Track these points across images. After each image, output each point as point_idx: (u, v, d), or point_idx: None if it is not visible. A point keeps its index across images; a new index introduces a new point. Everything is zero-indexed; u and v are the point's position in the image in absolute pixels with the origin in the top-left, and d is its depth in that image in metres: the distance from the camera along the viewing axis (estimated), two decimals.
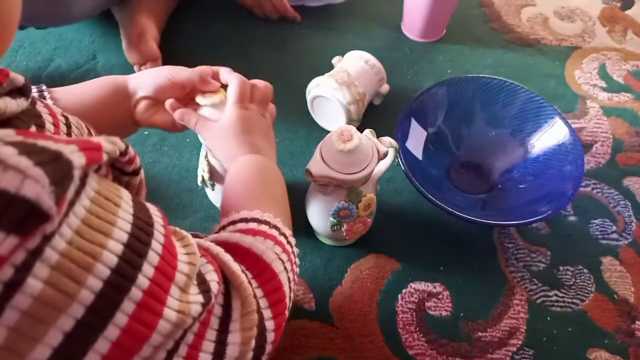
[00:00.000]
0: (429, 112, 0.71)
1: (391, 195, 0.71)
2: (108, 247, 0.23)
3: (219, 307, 0.30)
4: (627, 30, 0.95)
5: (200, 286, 0.29)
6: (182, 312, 0.26)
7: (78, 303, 0.22)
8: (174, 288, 0.26)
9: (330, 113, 0.73)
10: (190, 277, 0.28)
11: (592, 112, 0.82)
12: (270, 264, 0.34)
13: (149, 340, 0.24)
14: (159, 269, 0.25)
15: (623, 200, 0.72)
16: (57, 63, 0.84)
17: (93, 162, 0.24)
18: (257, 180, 0.43)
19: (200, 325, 0.28)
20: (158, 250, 0.26)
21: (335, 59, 0.78)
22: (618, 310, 0.62)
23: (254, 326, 0.31)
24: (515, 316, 0.61)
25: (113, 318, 0.23)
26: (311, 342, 0.58)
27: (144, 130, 0.76)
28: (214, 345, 0.29)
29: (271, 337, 0.32)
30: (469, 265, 0.65)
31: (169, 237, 0.28)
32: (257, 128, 0.47)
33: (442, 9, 0.85)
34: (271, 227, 0.37)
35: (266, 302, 0.33)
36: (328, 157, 0.52)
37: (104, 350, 0.23)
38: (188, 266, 0.28)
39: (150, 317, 0.24)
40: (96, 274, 0.22)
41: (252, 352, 0.31)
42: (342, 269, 0.64)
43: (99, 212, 0.23)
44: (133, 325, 0.24)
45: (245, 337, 0.30)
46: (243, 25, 0.91)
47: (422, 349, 0.59)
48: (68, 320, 0.21)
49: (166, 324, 0.25)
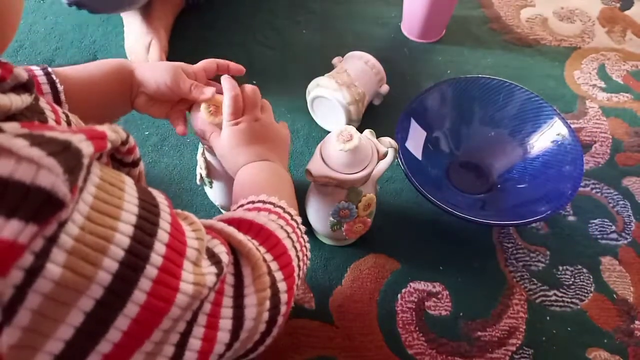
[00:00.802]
0: (429, 113, 0.71)
1: (391, 195, 0.71)
2: (119, 229, 0.24)
3: (231, 276, 0.31)
4: (627, 30, 0.95)
5: (210, 259, 0.30)
6: (197, 284, 0.27)
7: (96, 284, 0.22)
8: (187, 263, 0.27)
9: (330, 113, 0.73)
10: (200, 251, 0.29)
11: (592, 112, 0.82)
12: (274, 232, 0.35)
13: (168, 313, 0.25)
14: (170, 246, 0.26)
15: (622, 200, 0.72)
16: (57, 63, 0.84)
17: (99, 151, 0.25)
18: (265, 177, 0.44)
19: (216, 295, 0.29)
20: (167, 228, 0.27)
21: (335, 59, 0.78)
22: (617, 309, 0.62)
23: (267, 287, 0.31)
24: (514, 316, 0.61)
25: (131, 296, 0.24)
26: (311, 342, 0.58)
27: (144, 130, 0.76)
28: (231, 310, 0.30)
29: (284, 297, 0.33)
30: (469, 265, 0.65)
31: (174, 217, 0.28)
32: (256, 136, 0.46)
33: (441, 10, 0.85)
34: (275, 206, 0.38)
35: (276, 265, 0.34)
36: (328, 157, 0.52)
37: (125, 327, 0.24)
38: (197, 241, 0.29)
39: (168, 291, 0.25)
40: (111, 255, 0.23)
41: (267, 313, 0.31)
42: (342, 269, 0.64)
43: (106, 198, 0.24)
44: (151, 301, 0.24)
45: (260, 297, 0.31)
46: (244, 25, 0.91)
47: (422, 349, 0.59)
48: (88, 301, 0.22)
49: (184, 297, 0.26)
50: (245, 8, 0.94)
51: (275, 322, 0.33)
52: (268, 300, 0.32)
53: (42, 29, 0.89)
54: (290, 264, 0.35)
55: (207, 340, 0.29)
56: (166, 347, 0.27)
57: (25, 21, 0.90)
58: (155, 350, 0.26)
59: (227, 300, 0.30)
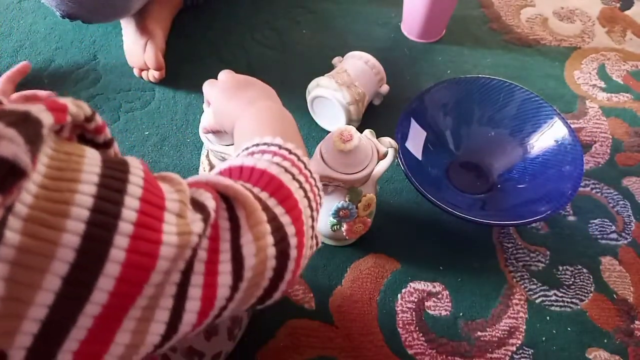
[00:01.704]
0: (429, 112, 0.71)
1: (391, 195, 0.71)
2: (79, 190, 0.23)
3: (226, 221, 0.30)
4: (627, 30, 0.95)
5: (196, 208, 0.28)
6: (183, 233, 0.26)
7: (64, 247, 0.22)
8: (169, 215, 0.26)
9: (330, 113, 0.73)
10: (184, 202, 0.28)
11: (592, 112, 0.82)
12: (276, 175, 0.33)
13: (155, 268, 0.25)
14: (145, 199, 0.25)
15: (622, 200, 0.72)
16: (57, 63, 0.84)
17: (59, 123, 0.24)
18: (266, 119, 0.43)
19: (211, 241, 0.28)
20: (139, 183, 0.26)
21: (335, 59, 0.78)
22: (617, 309, 0.62)
23: (262, 221, 0.30)
24: (514, 316, 0.62)
25: (108, 255, 0.23)
26: (311, 342, 0.58)
27: (144, 130, 0.76)
28: (229, 254, 0.29)
29: (294, 241, 0.32)
30: (469, 265, 0.65)
31: (149, 173, 0.27)
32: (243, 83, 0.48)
33: (441, 10, 0.85)
34: (270, 145, 0.37)
35: (282, 209, 0.32)
36: (328, 157, 0.52)
37: (110, 287, 0.23)
38: (178, 194, 0.28)
39: (149, 246, 0.24)
40: (74, 217, 0.23)
41: (273, 248, 0.30)
42: (342, 269, 0.64)
43: (61, 165, 0.24)
44: (132, 257, 0.24)
45: (256, 232, 0.30)
46: (243, 25, 0.91)
47: (422, 349, 0.59)
48: (61, 265, 0.22)
49: (169, 248, 0.25)
50: (245, 8, 0.94)
51: (287, 256, 0.31)
52: (269, 235, 0.30)
53: (42, 29, 0.89)
54: (297, 206, 0.33)
55: (208, 287, 0.28)
56: (163, 300, 0.26)
57: (25, 21, 0.90)
58: (152, 304, 0.26)
59: (224, 245, 0.29)
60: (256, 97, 0.46)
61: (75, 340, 0.23)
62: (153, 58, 0.77)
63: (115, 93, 0.80)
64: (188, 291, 0.27)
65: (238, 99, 0.46)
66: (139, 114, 0.78)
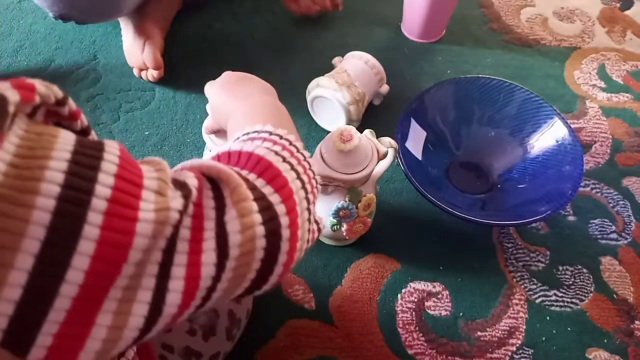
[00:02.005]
0: (429, 112, 0.71)
1: (391, 195, 0.71)
2: (49, 166, 0.23)
3: (210, 200, 0.29)
4: (627, 30, 0.95)
5: (177, 186, 0.28)
6: (161, 210, 0.25)
7: (35, 225, 0.22)
8: (147, 192, 0.26)
9: (330, 113, 0.73)
10: (164, 180, 0.27)
11: (592, 112, 0.82)
12: (254, 152, 0.33)
13: (132, 246, 0.24)
14: (120, 176, 0.25)
15: (622, 200, 0.72)
16: (57, 63, 0.84)
17: (26, 101, 0.24)
18: (260, 113, 0.43)
19: (194, 220, 0.28)
20: (114, 160, 0.25)
21: (335, 59, 0.78)
22: (617, 309, 0.62)
23: (246, 198, 0.29)
24: (514, 316, 0.62)
25: (82, 232, 0.23)
26: (311, 342, 0.58)
27: (144, 130, 0.76)
28: (214, 231, 0.28)
29: (285, 221, 0.31)
30: (469, 265, 0.65)
31: (125, 152, 0.27)
32: (239, 81, 0.48)
33: (441, 10, 0.85)
34: (260, 132, 0.36)
35: (271, 189, 0.31)
36: (328, 157, 0.52)
37: (85, 266, 0.23)
38: (157, 172, 0.27)
39: (125, 223, 0.24)
40: (44, 193, 0.22)
41: (262, 227, 0.29)
42: (342, 269, 0.64)
43: (32, 144, 0.23)
44: (107, 235, 0.23)
45: (240, 208, 0.29)
46: (243, 25, 0.91)
47: (422, 349, 0.59)
48: (33, 243, 0.22)
49: (146, 225, 0.25)
50: (245, 8, 0.94)
51: (279, 235, 0.30)
52: (256, 214, 0.29)
53: (42, 29, 0.89)
54: (287, 185, 0.32)
55: (192, 265, 0.27)
56: (145, 280, 0.26)
57: (25, 21, 0.90)
58: (133, 284, 0.25)
59: (208, 223, 0.28)
60: (252, 92, 0.46)
61: (55, 323, 0.23)
62: (151, 57, 0.77)
63: (115, 93, 0.80)
64: (171, 271, 0.26)
65: (234, 93, 0.46)
66: (139, 114, 0.78)
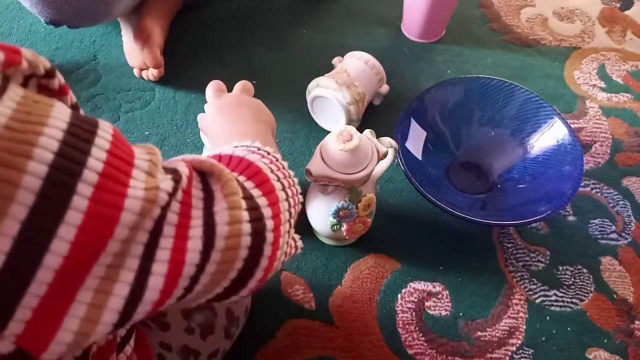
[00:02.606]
0: (429, 112, 0.71)
1: (391, 195, 0.71)
2: (45, 133, 0.22)
3: (200, 190, 0.30)
4: (627, 30, 0.95)
5: (167, 170, 0.28)
6: (150, 189, 0.25)
7: (24, 189, 0.21)
8: (137, 171, 0.26)
9: (330, 113, 0.73)
10: (154, 162, 0.27)
11: (592, 113, 0.82)
12: (244, 157, 0.34)
13: (119, 221, 0.24)
14: (113, 153, 0.25)
15: (622, 200, 0.72)
16: (57, 63, 0.84)
17: (12, 64, 0.24)
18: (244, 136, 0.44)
19: (182, 205, 0.28)
20: (107, 137, 0.25)
21: (335, 59, 0.78)
22: (617, 309, 0.62)
23: (237, 192, 0.30)
24: (514, 316, 0.62)
25: (70, 202, 0.23)
26: (311, 342, 0.58)
27: (144, 130, 0.76)
28: (201, 220, 0.28)
29: (270, 224, 0.31)
30: (469, 265, 0.65)
31: (119, 133, 0.27)
32: (239, 113, 0.48)
33: (441, 10, 0.85)
34: (249, 147, 0.37)
35: (259, 192, 0.32)
36: (328, 157, 0.52)
37: (71, 236, 0.23)
38: (149, 155, 0.28)
39: (113, 197, 0.24)
40: (36, 158, 0.22)
41: (248, 225, 0.29)
42: (342, 269, 0.64)
43: (28, 110, 0.23)
44: (95, 207, 0.23)
45: (231, 201, 0.29)
46: (243, 25, 0.91)
47: (422, 349, 0.59)
48: (20, 209, 0.21)
49: (135, 202, 0.24)
50: (245, 8, 0.94)
51: (263, 238, 0.30)
52: (245, 211, 0.30)
53: (42, 29, 0.89)
54: (274, 192, 0.33)
55: (177, 250, 0.27)
56: (129, 260, 0.25)
57: (25, 21, 0.90)
58: (117, 262, 0.25)
59: (196, 212, 0.28)
60: (244, 118, 0.47)
61: (35, 296, 0.23)
62: (151, 56, 0.77)
63: (115, 93, 0.80)
64: (156, 253, 0.26)
65: (226, 117, 0.47)
66: (139, 114, 0.78)
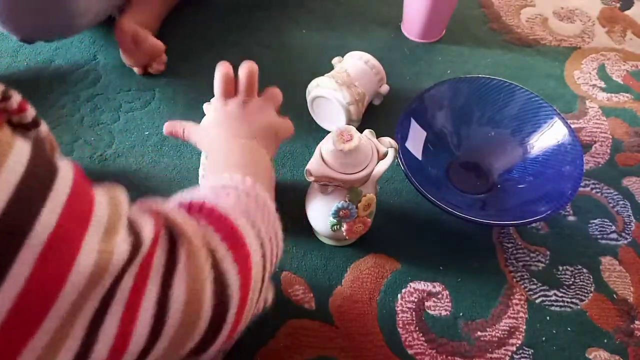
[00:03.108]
0: (429, 112, 0.71)
1: (391, 195, 0.71)
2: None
3: (163, 252, 0.28)
4: (627, 30, 0.95)
5: (129, 230, 0.26)
6: (104, 252, 0.24)
7: None
8: (93, 229, 0.24)
9: (330, 113, 0.73)
10: (114, 220, 0.26)
11: (592, 113, 0.82)
12: (234, 222, 0.32)
13: (62, 290, 0.22)
14: (68, 209, 0.23)
15: (622, 200, 0.72)
16: (57, 63, 0.84)
17: None
18: (240, 156, 0.43)
19: (140, 269, 0.26)
20: (65, 189, 0.24)
21: (335, 59, 0.78)
22: (617, 309, 0.62)
23: (202, 263, 0.28)
24: (514, 316, 0.62)
25: (10, 269, 0.21)
26: (311, 342, 0.58)
27: (144, 130, 0.76)
28: (157, 289, 0.27)
29: (237, 295, 0.30)
30: (469, 265, 0.65)
31: (80, 183, 0.25)
32: (239, 119, 0.47)
33: (441, 10, 0.85)
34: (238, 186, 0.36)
35: (230, 257, 0.30)
36: (328, 157, 0.52)
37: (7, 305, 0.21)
38: (110, 209, 0.26)
39: (59, 264, 0.22)
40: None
41: (210, 311, 0.28)
42: (342, 269, 0.64)
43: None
44: (37, 274, 0.22)
45: (193, 274, 0.28)
46: (243, 25, 0.91)
47: (422, 349, 0.59)
48: None
49: (84, 269, 0.23)
50: (245, 7, 0.94)
51: (226, 308, 0.29)
52: (208, 282, 0.28)
53: None
54: (248, 257, 0.31)
55: (126, 321, 0.25)
56: (74, 329, 0.24)
57: None
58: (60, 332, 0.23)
59: (153, 278, 0.27)
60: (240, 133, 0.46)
61: None
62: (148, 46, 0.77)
63: (115, 93, 0.80)
64: (105, 320, 0.25)
65: (224, 127, 0.47)
66: (139, 114, 0.78)
